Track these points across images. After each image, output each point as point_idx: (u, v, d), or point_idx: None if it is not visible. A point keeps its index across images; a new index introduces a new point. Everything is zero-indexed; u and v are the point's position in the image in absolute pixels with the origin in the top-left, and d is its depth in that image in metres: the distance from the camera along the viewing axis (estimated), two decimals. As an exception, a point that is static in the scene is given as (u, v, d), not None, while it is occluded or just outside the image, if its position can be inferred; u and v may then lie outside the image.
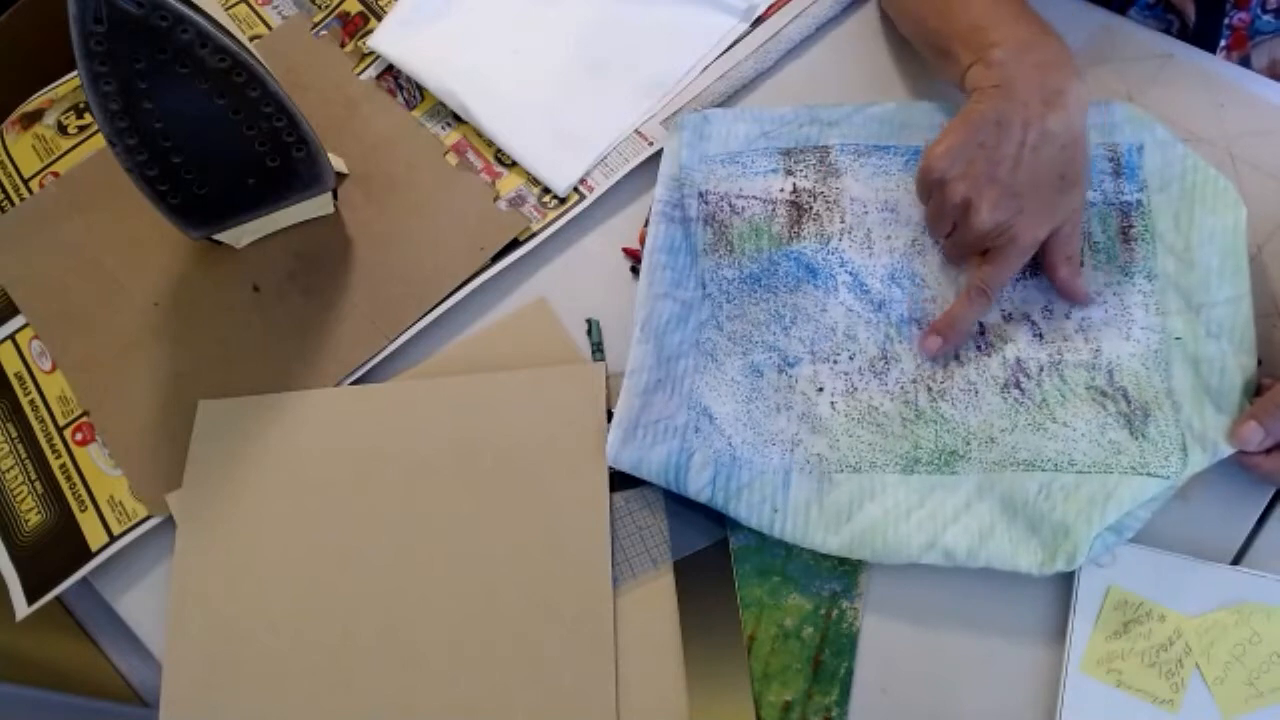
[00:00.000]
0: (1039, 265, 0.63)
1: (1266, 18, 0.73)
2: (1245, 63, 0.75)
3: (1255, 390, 0.58)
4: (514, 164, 0.74)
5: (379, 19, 0.82)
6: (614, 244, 0.71)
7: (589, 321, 0.69)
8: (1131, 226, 0.63)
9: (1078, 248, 0.61)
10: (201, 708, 0.60)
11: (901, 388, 0.62)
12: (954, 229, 0.61)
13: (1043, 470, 0.57)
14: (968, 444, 0.59)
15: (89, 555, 0.65)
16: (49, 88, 0.85)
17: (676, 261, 0.67)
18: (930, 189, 0.61)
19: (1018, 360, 0.61)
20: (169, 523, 0.65)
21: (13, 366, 0.73)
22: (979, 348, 0.62)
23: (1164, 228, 0.62)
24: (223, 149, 0.65)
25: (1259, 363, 0.58)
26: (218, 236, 0.71)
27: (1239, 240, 0.61)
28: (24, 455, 0.70)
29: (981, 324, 0.62)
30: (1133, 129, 0.65)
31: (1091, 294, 0.61)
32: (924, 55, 0.70)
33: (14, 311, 0.75)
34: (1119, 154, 0.65)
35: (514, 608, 0.60)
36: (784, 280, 0.65)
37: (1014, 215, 0.58)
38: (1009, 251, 0.59)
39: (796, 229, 0.66)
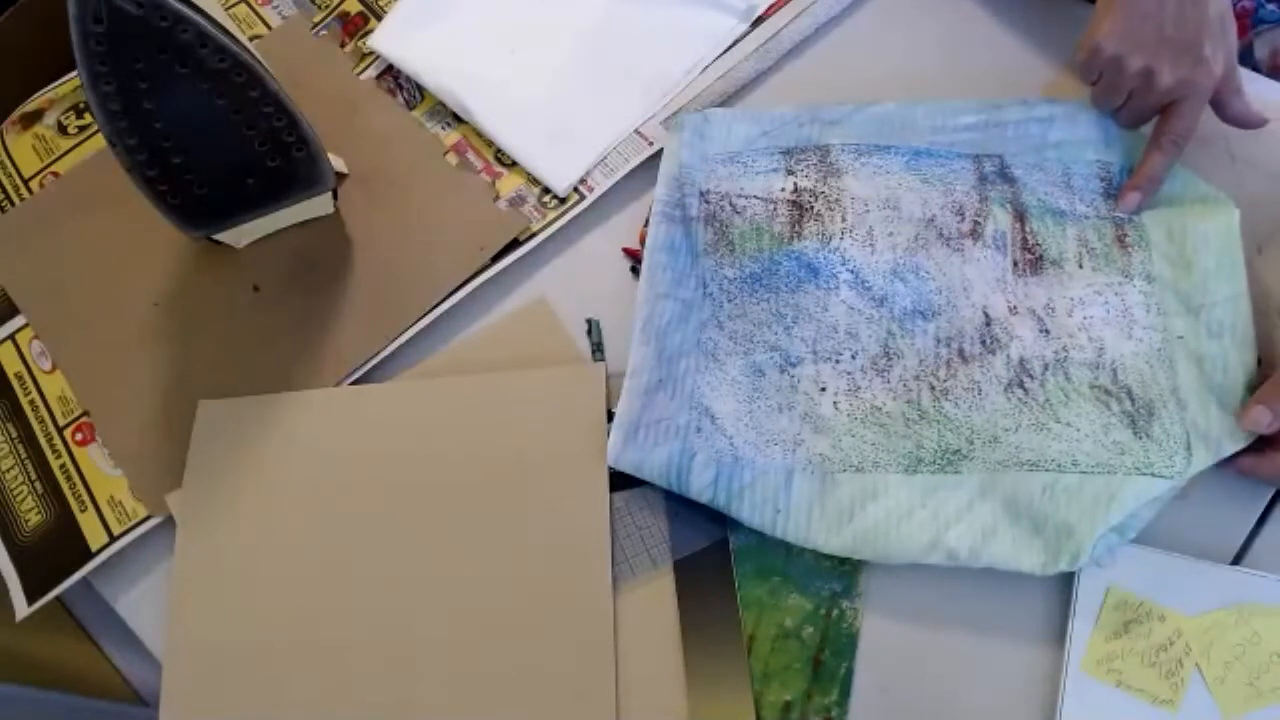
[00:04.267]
0: (1039, 263, 0.63)
1: (1270, 7, 0.74)
2: (1248, 52, 0.75)
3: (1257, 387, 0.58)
4: (514, 164, 0.74)
5: (379, 19, 0.81)
6: (614, 244, 0.71)
7: (589, 321, 0.69)
8: (1126, 236, 0.64)
9: (1241, 80, 0.64)
10: (201, 708, 0.60)
11: (905, 386, 0.61)
12: (1129, 98, 0.64)
13: (1046, 470, 0.57)
14: (971, 443, 0.59)
15: (89, 555, 0.65)
16: (49, 88, 0.85)
17: (677, 261, 0.67)
18: (1101, 68, 0.63)
19: (1021, 359, 0.61)
20: (169, 523, 0.65)
21: (13, 366, 0.73)
22: (984, 343, 0.62)
23: (1158, 238, 0.63)
24: (223, 149, 0.64)
25: (1259, 361, 0.58)
26: (218, 236, 0.71)
27: (1233, 239, 0.61)
28: (24, 455, 0.70)
29: (987, 317, 0.62)
30: (1124, 149, 0.66)
31: (1091, 293, 0.62)
32: None
33: (14, 311, 0.75)
34: (1111, 174, 0.66)
35: (514, 607, 0.60)
36: (785, 280, 0.65)
37: (1193, 67, 0.61)
38: (1193, 101, 0.62)
39: (798, 228, 0.66)
